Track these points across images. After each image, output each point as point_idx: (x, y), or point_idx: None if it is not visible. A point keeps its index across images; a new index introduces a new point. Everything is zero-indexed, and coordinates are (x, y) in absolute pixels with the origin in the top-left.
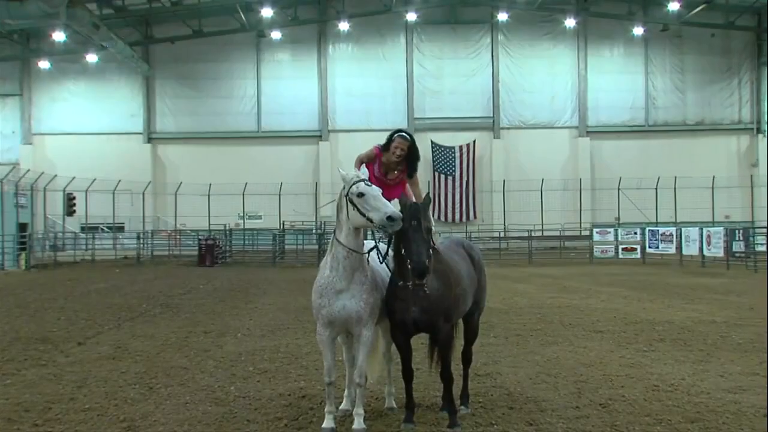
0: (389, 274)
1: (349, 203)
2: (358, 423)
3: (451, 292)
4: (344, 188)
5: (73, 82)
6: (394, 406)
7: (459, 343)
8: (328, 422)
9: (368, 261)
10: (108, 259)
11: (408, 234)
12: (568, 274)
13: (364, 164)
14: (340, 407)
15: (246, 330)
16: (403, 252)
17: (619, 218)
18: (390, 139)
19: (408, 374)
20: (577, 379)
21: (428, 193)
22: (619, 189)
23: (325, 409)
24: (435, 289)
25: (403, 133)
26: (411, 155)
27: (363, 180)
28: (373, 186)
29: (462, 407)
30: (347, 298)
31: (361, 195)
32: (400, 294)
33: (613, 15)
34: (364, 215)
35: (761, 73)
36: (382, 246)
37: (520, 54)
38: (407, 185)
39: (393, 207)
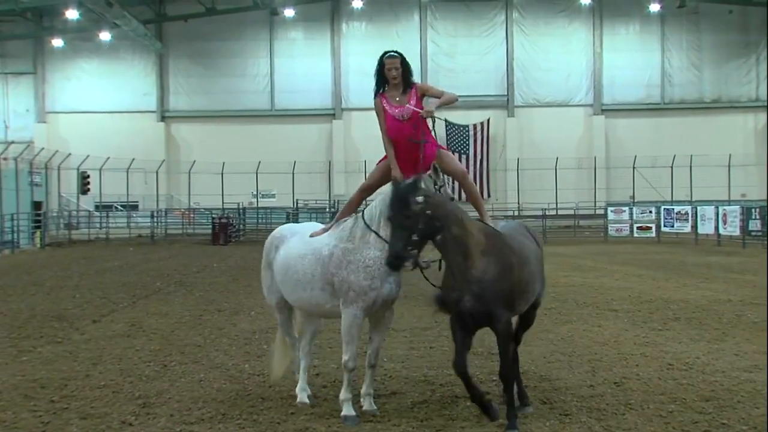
0: None
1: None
2: (369, 404)
3: (513, 276)
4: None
5: (87, 60)
6: (306, 401)
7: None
8: (348, 409)
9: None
10: (122, 237)
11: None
12: (582, 252)
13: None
14: (302, 400)
15: (259, 308)
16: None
17: (633, 197)
18: (380, 70)
19: (460, 372)
20: (591, 357)
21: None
22: (634, 167)
23: (343, 397)
24: (489, 273)
25: (390, 52)
26: (405, 71)
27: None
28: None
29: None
30: (391, 281)
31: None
32: (448, 282)
33: None
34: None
35: None
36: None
37: (535, 31)
38: (422, 107)
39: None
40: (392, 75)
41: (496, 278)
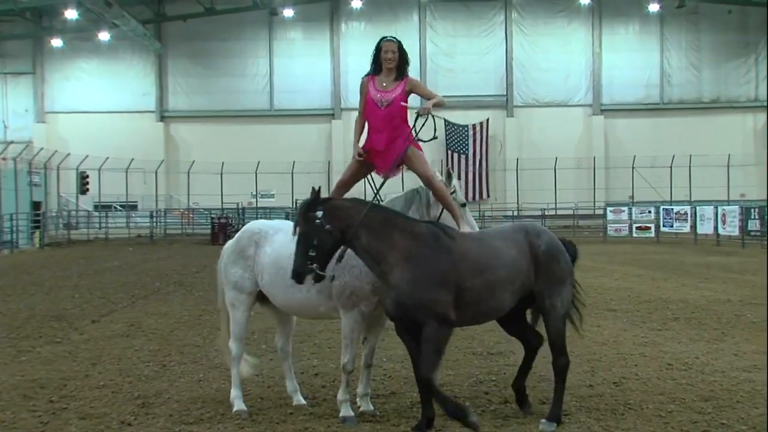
0: None
1: None
2: (367, 404)
3: (444, 284)
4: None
5: (86, 60)
6: (303, 402)
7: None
8: (347, 410)
9: None
10: (121, 237)
11: None
12: (581, 252)
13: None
14: (297, 403)
15: (259, 308)
16: None
17: (633, 197)
18: (377, 53)
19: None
20: (590, 357)
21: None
22: (633, 167)
23: (341, 398)
24: (408, 280)
25: (388, 37)
26: (401, 58)
27: None
28: None
29: (543, 420)
30: None
31: None
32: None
33: None
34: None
35: None
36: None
37: (534, 32)
38: (407, 95)
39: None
40: (388, 57)
41: (417, 285)
